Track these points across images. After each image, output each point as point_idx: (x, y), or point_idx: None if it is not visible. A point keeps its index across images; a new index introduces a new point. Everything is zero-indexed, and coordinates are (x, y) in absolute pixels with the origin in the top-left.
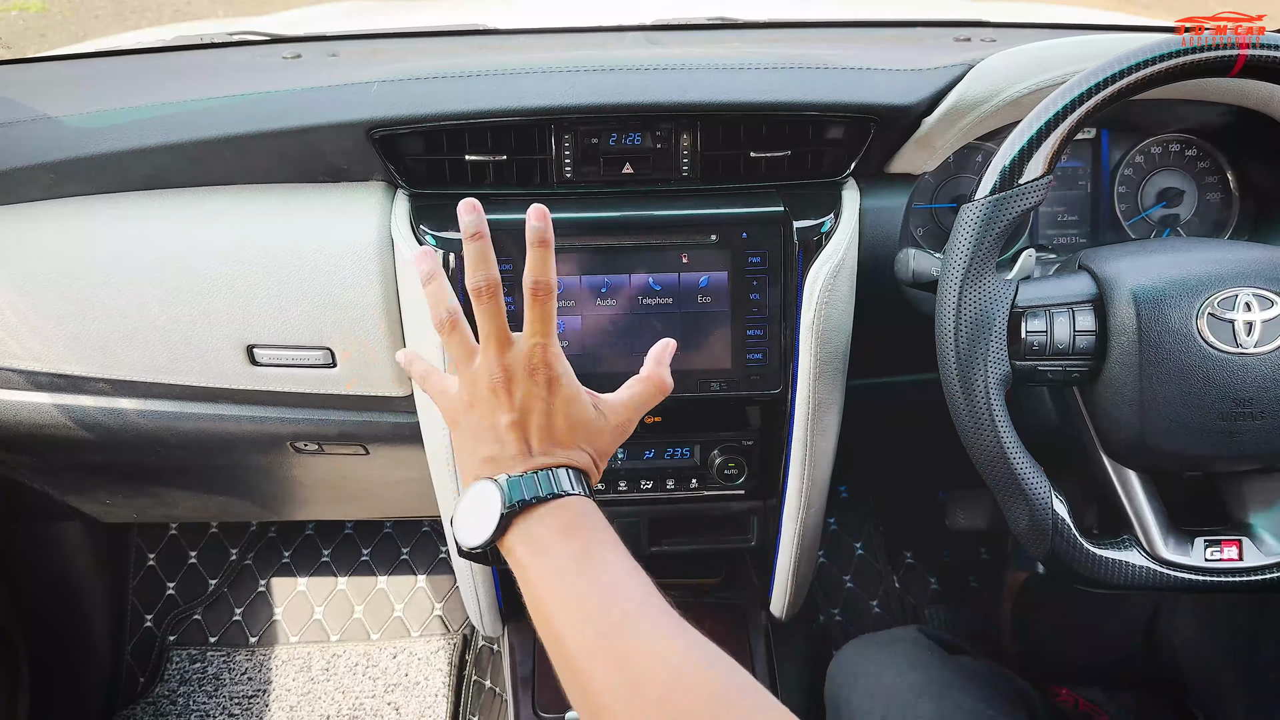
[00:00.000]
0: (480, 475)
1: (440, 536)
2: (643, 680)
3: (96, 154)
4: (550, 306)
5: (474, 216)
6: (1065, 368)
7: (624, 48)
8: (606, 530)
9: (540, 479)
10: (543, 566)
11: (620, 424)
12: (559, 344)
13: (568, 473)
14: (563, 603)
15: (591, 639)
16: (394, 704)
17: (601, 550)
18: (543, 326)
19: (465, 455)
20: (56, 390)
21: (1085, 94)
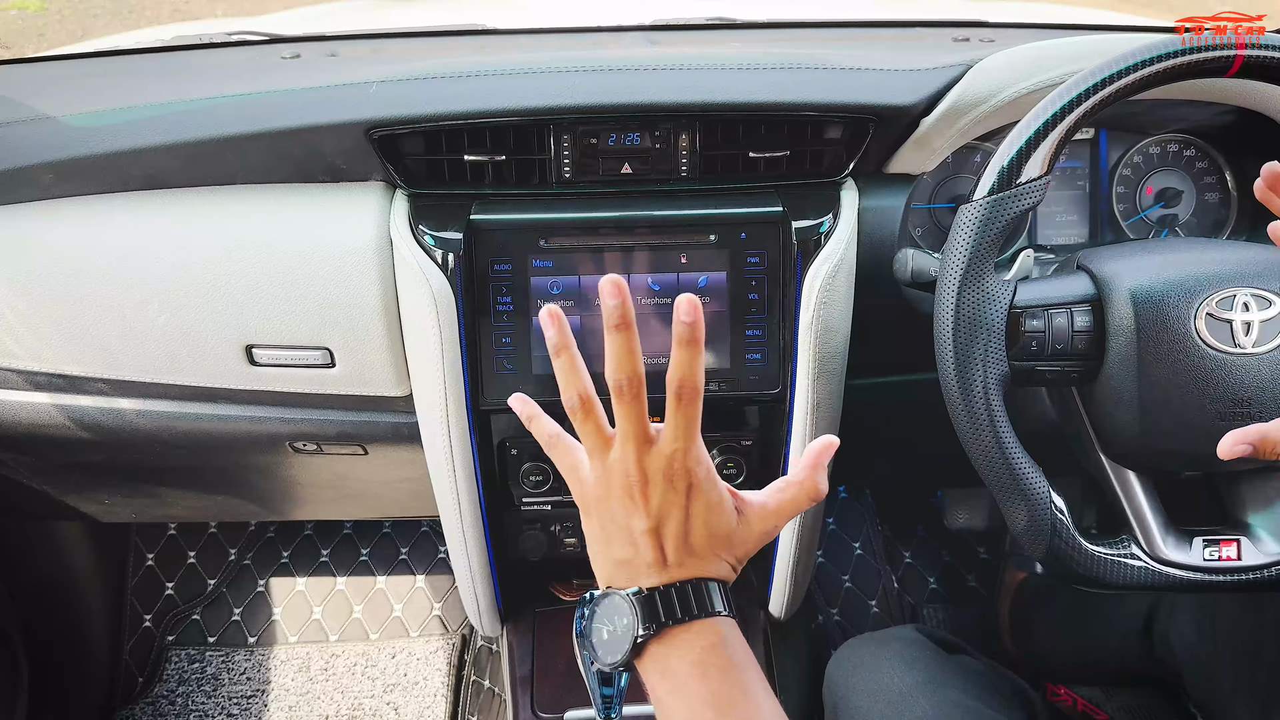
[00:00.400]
0: (615, 578)
1: (439, 536)
2: None
3: (95, 154)
4: (696, 409)
5: (615, 303)
6: (1064, 367)
7: (623, 48)
8: (746, 666)
9: (678, 595)
10: (678, 704)
11: (765, 531)
12: (704, 447)
13: (705, 586)
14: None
15: None
16: (393, 704)
17: (738, 696)
18: (686, 430)
19: (598, 548)
20: (55, 390)
21: (1084, 94)
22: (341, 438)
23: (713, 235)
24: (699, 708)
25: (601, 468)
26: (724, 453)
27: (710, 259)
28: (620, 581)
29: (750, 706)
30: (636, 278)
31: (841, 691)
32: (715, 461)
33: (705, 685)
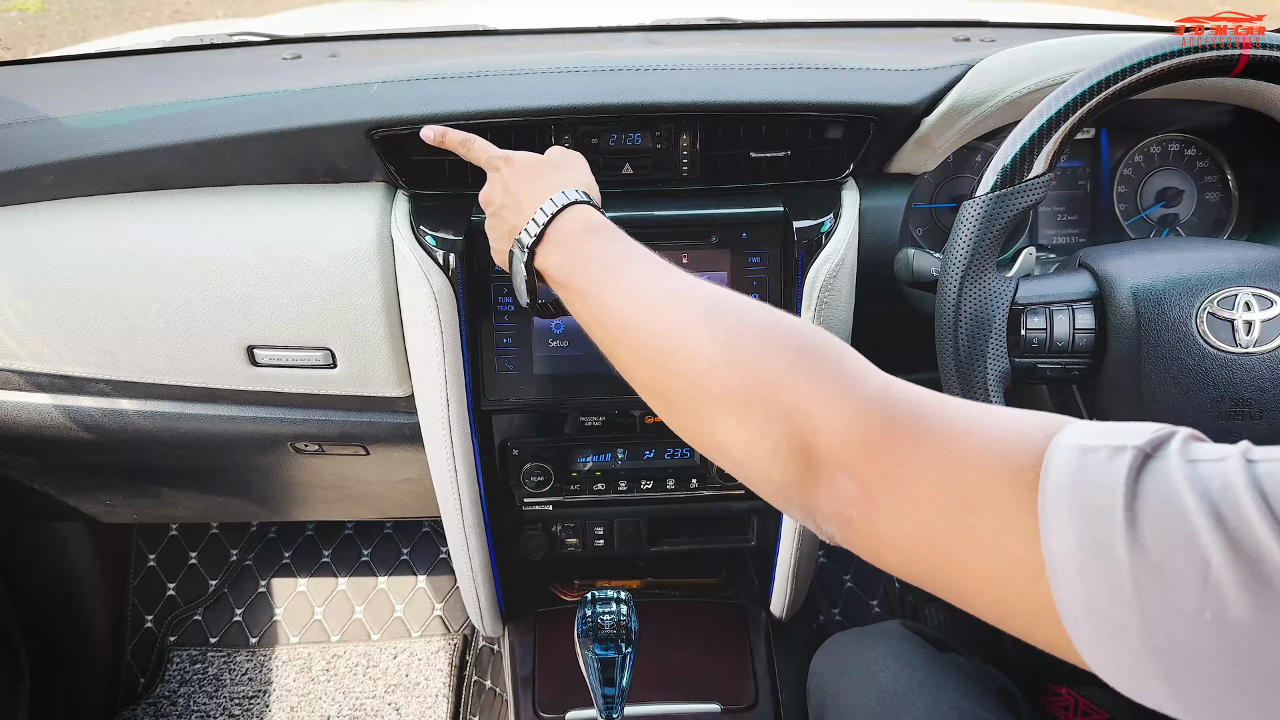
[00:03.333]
0: (510, 246)
1: (440, 537)
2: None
3: (96, 155)
4: (467, 142)
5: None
6: (1065, 365)
7: (624, 48)
8: (606, 228)
9: (534, 220)
10: (575, 276)
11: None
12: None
13: (550, 201)
14: (602, 295)
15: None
16: (394, 704)
17: (611, 244)
18: (479, 154)
19: (501, 254)
20: (57, 391)
21: (1088, 92)
22: (343, 438)
23: (714, 235)
24: (618, 256)
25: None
26: None
27: (711, 259)
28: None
29: (638, 262)
30: None
31: (830, 688)
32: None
33: (585, 249)
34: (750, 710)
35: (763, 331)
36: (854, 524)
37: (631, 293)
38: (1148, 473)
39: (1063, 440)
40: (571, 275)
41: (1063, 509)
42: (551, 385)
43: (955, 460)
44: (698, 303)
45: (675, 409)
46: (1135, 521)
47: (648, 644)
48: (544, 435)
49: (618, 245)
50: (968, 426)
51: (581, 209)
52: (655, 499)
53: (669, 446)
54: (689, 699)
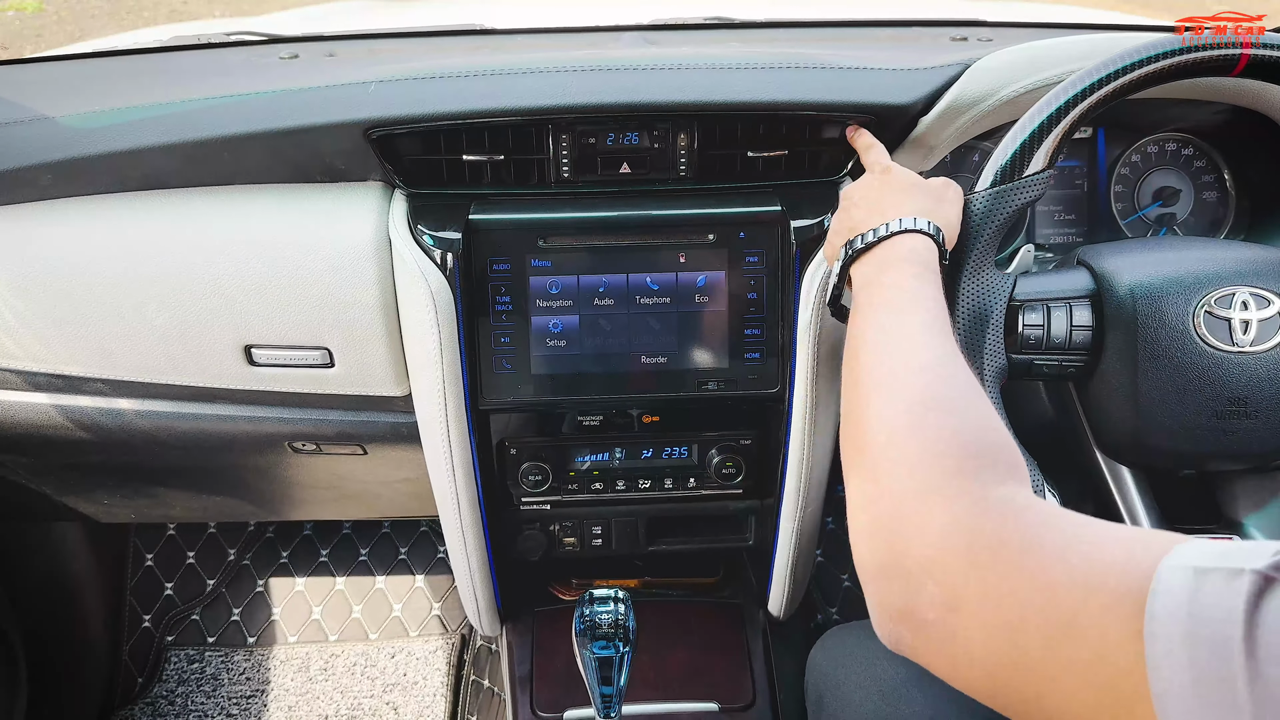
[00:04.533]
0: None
1: (438, 536)
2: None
3: (94, 154)
4: (872, 147)
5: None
6: (1061, 362)
7: (621, 47)
8: (913, 263)
9: (867, 235)
10: (864, 299)
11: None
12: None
13: (898, 221)
14: (863, 326)
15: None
16: (392, 704)
17: (911, 281)
18: (874, 157)
19: (833, 248)
20: (54, 391)
21: (1089, 89)
22: (341, 438)
23: (711, 235)
24: (879, 302)
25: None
26: (723, 452)
27: (709, 258)
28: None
29: (922, 303)
30: (635, 277)
31: (829, 681)
32: (715, 460)
33: (892, 279)
34: (748, 709)
35: (952, 414)
36: (929, 629)
37: (885, 334)
38: (1269, 600)
39: (1173, 562)
40: (861, 293)
41: (1174, 639)
42: (549, 384)
43: (1057, 575)
44: (927, 360)
45: (846, 444)
46: (1256, 653)
47: (645, 643)
48: (542, 434)
49: (912, 282)
50: (1074, 541)
51: (912, 238)
52: (653, 498)
53: (667, 446)
54: (687, 698)
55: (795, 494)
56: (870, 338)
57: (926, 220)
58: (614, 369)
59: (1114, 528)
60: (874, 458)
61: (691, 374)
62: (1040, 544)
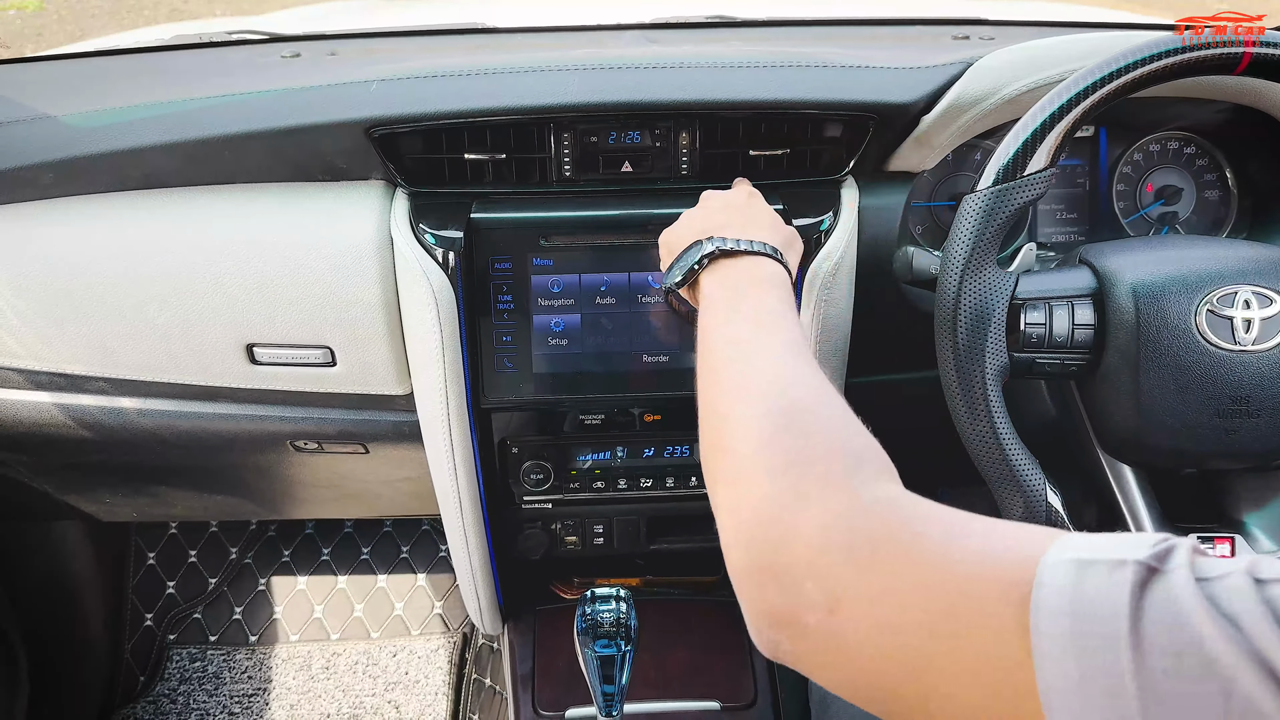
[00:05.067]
0: (692, 240)
1: (439, 535)
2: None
3: (95, 153)
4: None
5: None
6: (1063, 361)
7: (623, 46)
8: (781, 288)
9: (740, 242)
10: (726, 309)
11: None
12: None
13: (763, 244)
14: (724, 328)
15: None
16: (394, 702)
17: (779, 311)
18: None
19: (679, 237)
20: (56, 389)
21: (1091, 87)
22: (342, 436)
23: None
24: (746, 313)
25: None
26: None
27: None
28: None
29: (787, 324)
30: (637, 276)
31: None
32: None
33: (757, 296)
34: (749, 708)
35: (818, 420)
36: (810, 633)
37: (754, 340)
38: (1152, 592)
39: (1056, 555)
40: (723, 295)
41: (1060, 632)
42: (551, 383)
43: (938, 572)
44: (791, 370)
45: (705, 451)
46: (1141, 646)
47: (647, 642)
48: (543, 433)
49: (779, 305)
50: (956, 537)
51: (777, 266)
52: (654, 497)
53: (668, 444)
54: (688, 697)
55: None
56: (733, 346)
57: (783, 259)
58: (615, 368)
59: (996, 523)
60: (742, 462)
61: (693, 373)
62: (921, 541)
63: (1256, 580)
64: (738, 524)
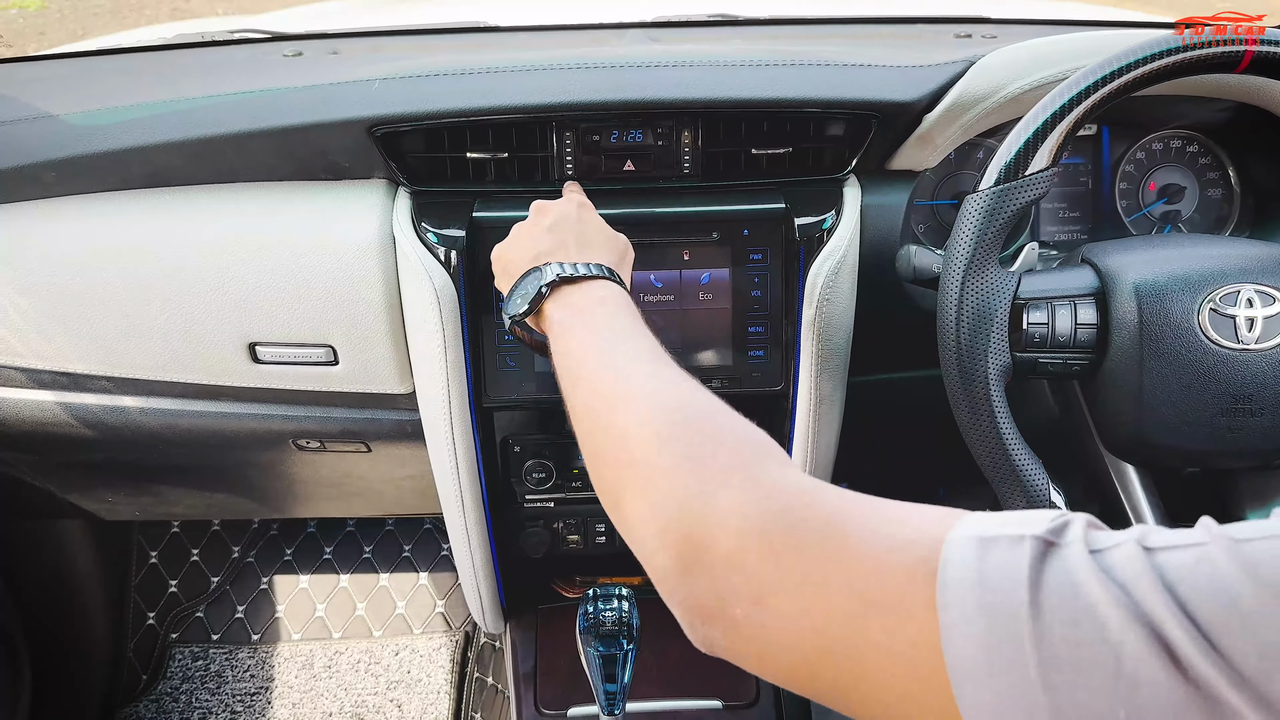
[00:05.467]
0: (529, 267)
1: (441, 534)
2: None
3: (98, 152)
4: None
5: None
6: (1066, 360)
7: (625, 45)
8: (628, 308)
9: (576, 265)
10: (580, 332)
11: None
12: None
13: (599, 265)
14: (585, 347)
15: (598, 369)
16: (396, 701)
17: (630, 329)
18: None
19: (513, 261)
20: (59, 388)
21: (1092, 86)
22: (345, 435)
23: (715, 232)
24: (601, 332)
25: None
26: None
27: (713, 256)
28: (537, 266)
29: (644, 337)
30: (639, 274)
31: None
32: None
33: (605, 316)
34: (751, 707)
35: (704, 417)
36: (739, 625)
37: (614, 358)
38: (1050, 564)
39: (959, 532)
40: (573, 320)
41: (965, 607)
42: (553, 382)
43: (850, 556)
44: (661, 379)
45: (597, 471)
46: (1040, 616)
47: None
48: (545, 432)
49: (629, 322)
50: (865, 521)
51: (617, 287)
52: None
53: None
54: (690, 695)
55: None
56: (600, 362)
57: (619, 278)
58: None
59: (903, 505)
60: (646, 467)
61: (695, 372)
62: (833, 526)
63: (1146, 549)
64: (659, 529)
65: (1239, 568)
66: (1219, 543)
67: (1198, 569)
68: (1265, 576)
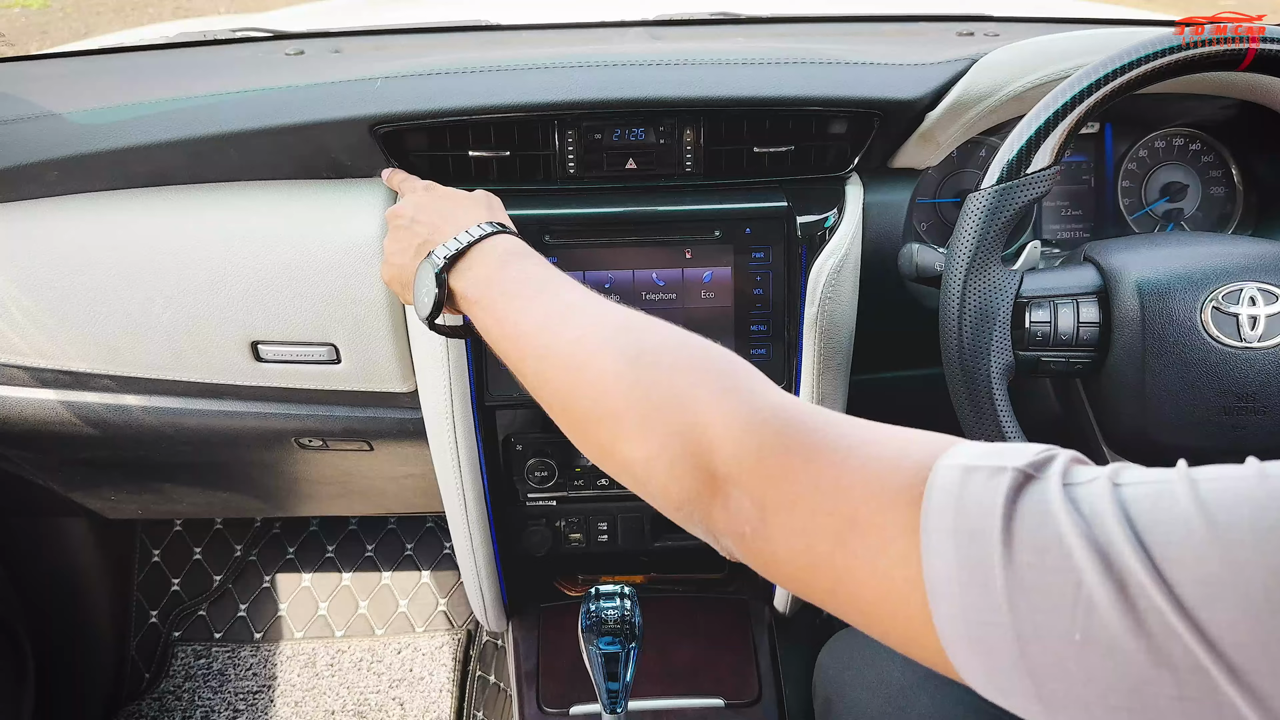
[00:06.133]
0: (418, 262)
1: (444, 532)
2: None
3: (100, 150)
4: (392, 173)
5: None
6: (1068, 358)
7: (627, 43)
8: (530, 255)
9: (458, 237)
10: (493, 294)
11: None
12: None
13: (477, 226)
14: (514, 314)
15: (537, 329)
16: (399, 699)
17: (544, 271)
18: (403, 181)
19: (400, 269)
20: (61, 387)
21: (1095, 84)
22: (347, 433)
23: (717, 230)
24: (517, 293)
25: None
26: None
27: (715, 254)
28: (419, 258)
29: (564, 281)
30: (641, 273)
31: (837, 683)
32: None
33: (516, 270)
34: (753, 705)
35: (669, 351)
36: (747, 539)
37: (548, 312)
38: (1026, 495)
39: (946, 461)
40: (488, 291)
41: (943, 530)
42: None
43: (841, 479)
44: (609, 324)
45: (580, 427)
46: (1011, 542)
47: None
48: (547, 430)
49: (540, 269)
50: (855, 445)
51: (507, 237)
52: None
53: None
54: (692, 694)
55: None
56: (535, 321)
57: (498, 225)
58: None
59: (891, 429)
60: (633, 413)
61: None
62: (822, 448)
63: (1115, 484)
64: (667, 465)
65: (1194, 503)
66: (1182, 481)
67: (1158, 503)
68: (1215, 513)
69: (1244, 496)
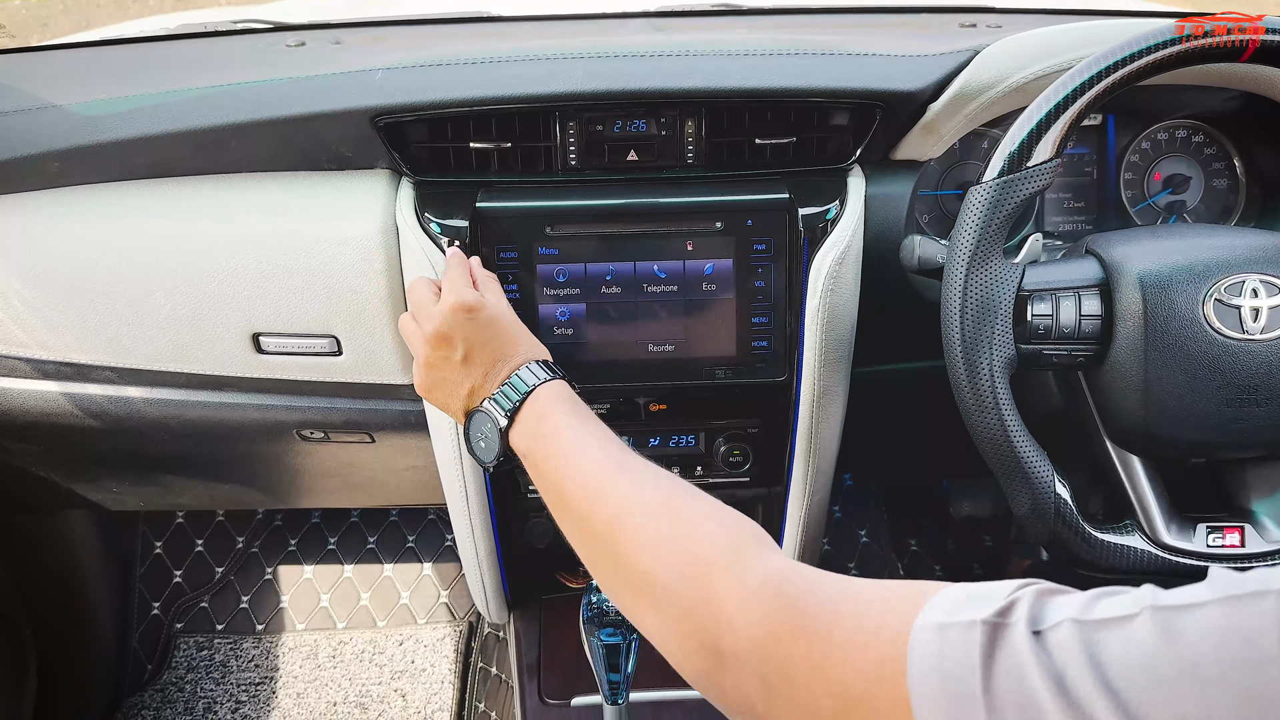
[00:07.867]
0: (469, 407)
1: (445, 524)
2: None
3: (101, 142)
4: (458, 261)
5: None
6: (1070, 352)
7: (628, 34)
8: (572, 402)
9: (507, 390)
10: (543, 453)
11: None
12: (472, 290)
13: (528, 370)
14: (556, 473)
15: (583, 488)
16: (400, 691)
17: (596, 424)
18: (451, 283)
19: (447, 398)
20: (63, 378)
21: (1096, 77)
22: (349, 426)
23: (719, 222)
24: (560, 452)
25: (417, 341)
26: (730, 440)
27: (717, 246)
28: (474, 405)
29: (602, 448)
30: (642, 265)
31: None
32: (722, 449)
33: (562, 435)
34: None
35: (691, 528)
36: (762, 715)
37: (586, 478)
38: (1000, 649)
39: (921, 620)
40: (531, 448)
41: (930, 694)
42: None
43: (830, 655)
44: (645, 501)
45: (609, 588)
46: (994, 705)
47: None
48: None
49: (579, 423)
50: (844, 614)
51: (550, 386)
52: None
53: (674, 434)
54: None
55: (802, 482)
56: (576, 483)
57: (542, 363)
58: (621, 357)
59: (871, 586)
60: (649, 587)
61: (699, 362)
62: (808, 623)
63: (1081, 624)
64: (678, 642)
65: (1162, 640)
66: (1145, 616)
67: (1127, 648)
68: (1184, 650)
69: (1210, 627)
